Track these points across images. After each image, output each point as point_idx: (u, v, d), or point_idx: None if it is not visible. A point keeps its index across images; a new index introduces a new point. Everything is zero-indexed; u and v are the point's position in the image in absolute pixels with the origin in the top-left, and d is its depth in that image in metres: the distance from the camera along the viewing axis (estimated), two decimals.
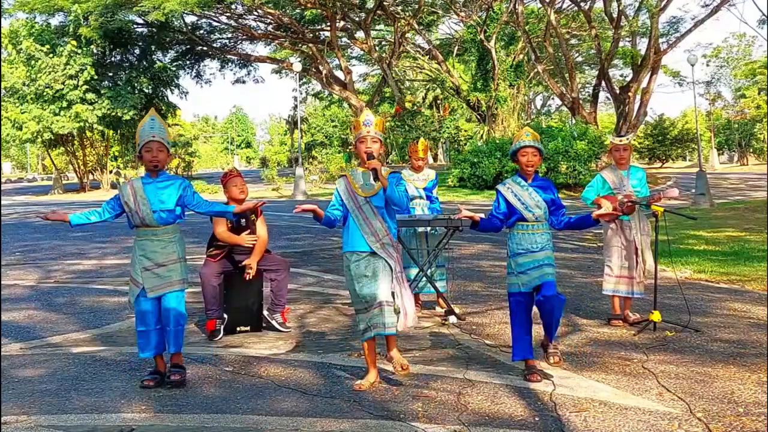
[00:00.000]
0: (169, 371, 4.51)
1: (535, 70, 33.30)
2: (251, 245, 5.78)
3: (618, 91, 32.20)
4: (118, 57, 35.78)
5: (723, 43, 55.24)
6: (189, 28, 35.96)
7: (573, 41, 40.86)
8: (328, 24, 33.73)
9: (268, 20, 35.25)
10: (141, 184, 4.52)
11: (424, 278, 6.26)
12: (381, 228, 4.37)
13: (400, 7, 34.70)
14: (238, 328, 5.86)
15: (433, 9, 37.17)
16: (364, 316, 4.34)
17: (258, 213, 5.96)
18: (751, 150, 53.62)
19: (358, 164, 4.61)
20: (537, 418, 3.81)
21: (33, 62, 32.21)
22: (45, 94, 32.11)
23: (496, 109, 31.43)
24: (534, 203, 4.53)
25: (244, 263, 5.79)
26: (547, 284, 4.44)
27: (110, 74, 34.90)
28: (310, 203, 4.59)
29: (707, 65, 54.29)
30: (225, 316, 5.82)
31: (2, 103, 32.85)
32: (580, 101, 33.10)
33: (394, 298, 4.32)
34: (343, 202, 4.46)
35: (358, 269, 4.35)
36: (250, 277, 5.76)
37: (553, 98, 56.75)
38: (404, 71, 45.96)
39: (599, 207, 5.95)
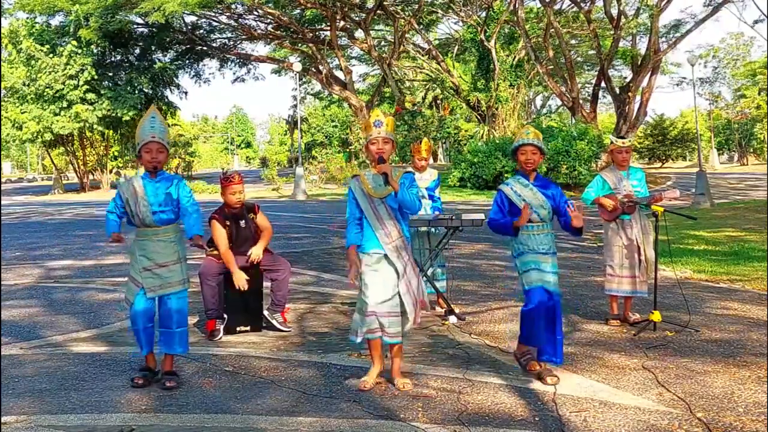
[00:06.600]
0: (163, 378, 4.48)
1: (535, 70, 33.32)
2: (242, 285, 5.66)
3: (618, 91, 32.20)
4: (118, 57, 35.81)
5: (720, 44, 55.27)
6: (189, 28, 35.99)
7: (573, 41, 40.85)
8: (328, 24, 33.72)
9: (268, 20, 35.27)
10: (142, 184, 4.50)
11: (425, 278, 6.26)
12: (395, 229, 4.34)
13: (400, 7, 34.70)
14: (238, 328, 5.86)
15: (432, 9, 37.18)
16: (367, 319, 4.31)
17: (256, 210, 5.97)
18: (751, 150, 53.65)
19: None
20: (537, 418, 3.81)
21: (33, 62, 32.23)
22: (45, 94, 32.13)
23: (496, 109, 31.44)
24: (538, 203, 4.48)
25: (249, 252, 5.75)
26: (549, 293, 4.45)
27: (110, 74, 34.93)
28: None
29: (704, 66, 54.30)
30: (225, 316, 5.82)
31: (2, 103, 32.86)
32: (580, 101, 33.11)
33: (401, 303, 4.32)
34: (358, 203, 4.41)
35: (372, 273, 4.31)
36: (254, 262, 5.73)
37: (553, 98, 56.76)
38: (404, 71, 45.96)
39: (600, 207, 6.00)
